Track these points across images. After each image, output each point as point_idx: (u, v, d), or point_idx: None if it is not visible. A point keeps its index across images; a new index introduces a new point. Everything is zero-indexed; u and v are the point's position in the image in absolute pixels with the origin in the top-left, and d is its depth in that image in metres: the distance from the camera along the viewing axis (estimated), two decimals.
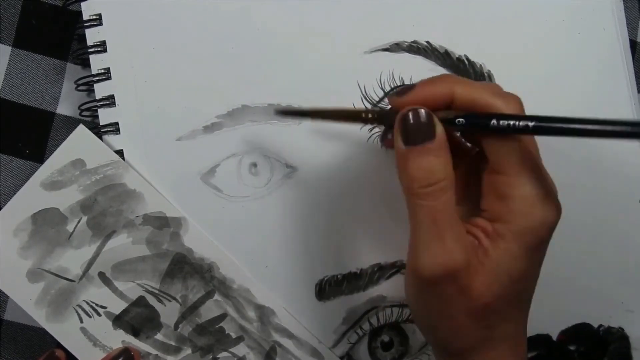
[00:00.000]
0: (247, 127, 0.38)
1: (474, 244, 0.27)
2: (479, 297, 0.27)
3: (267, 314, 0.39)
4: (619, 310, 0.41)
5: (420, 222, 0.27)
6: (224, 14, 0.38)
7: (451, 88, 0.27)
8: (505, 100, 0.27)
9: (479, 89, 0.27)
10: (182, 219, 0.38)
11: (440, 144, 0.27)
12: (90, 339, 0.38)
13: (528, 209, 0.26)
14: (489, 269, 0.27)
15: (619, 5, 0.41)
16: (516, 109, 0.27)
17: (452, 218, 0.27)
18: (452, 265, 0.26)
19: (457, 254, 0.26)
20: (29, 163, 0.40)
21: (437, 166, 0.26)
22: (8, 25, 0.40)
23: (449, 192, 0.26)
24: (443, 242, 0.26)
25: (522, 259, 0.27)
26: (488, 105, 0.27)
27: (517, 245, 0.26)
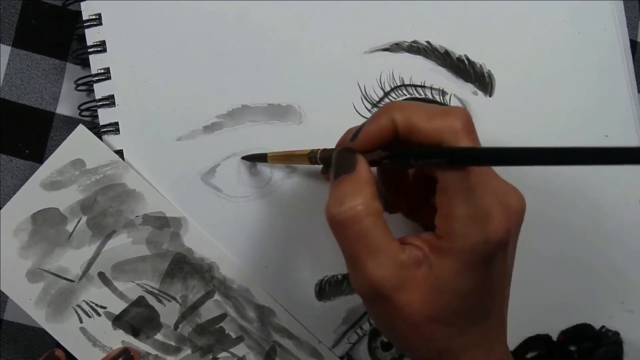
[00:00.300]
0: (247, 127, 0.38)
1: (415, 259, 0.28)
2: (420, 311, 0.27)
3: (267, 314, 0.39)
4: (619, 311, 0.41)
5: (342, 249, 0.28)
6: (224, 14, 0.38)
7: (391, 117, 0.28)
8: (442, 119, 0.27)
9: (414, 113, 0.28)
10: (182, 219, 0.38)
11: (359, 175, 0.28)
12: (90, 339, 0.38)
13: (466, 229, 0.26)
14: (431, 283, 0.27)
15: (619, 5, 0.41)
16: (450, 128, 0.27)
17: (373, 243, 0.27)
18: (376, 287, 0.27)
19: (379, 276, 0.27)
20: (29, 163, 0.40)
21: (351, 194, 0.27)
22: (8, 25, 0.40)
23: (373, 218, 0.27)
24: (362, 266, 0.27)
25: (465, 276, 0.27)
26: (421, 130, 0.27)
27: (459, 263, 0.27)
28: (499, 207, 0.27)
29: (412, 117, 0.27)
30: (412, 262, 0.27)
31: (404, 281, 0.27)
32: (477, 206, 0.26)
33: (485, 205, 0.26)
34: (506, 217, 0.27)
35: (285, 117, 0.38)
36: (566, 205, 0.40)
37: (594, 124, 0.40)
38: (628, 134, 0.41)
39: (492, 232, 0.26)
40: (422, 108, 0.28)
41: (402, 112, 0.28)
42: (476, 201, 0.26)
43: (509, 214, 0.27)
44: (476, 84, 0.40)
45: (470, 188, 0.26)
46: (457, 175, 0.27)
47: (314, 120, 0.39)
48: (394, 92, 0.39)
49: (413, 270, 0.27)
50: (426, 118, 0.27)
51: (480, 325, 0.29)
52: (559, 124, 0.40)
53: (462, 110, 0.28)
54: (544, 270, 0.40)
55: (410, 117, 0.27)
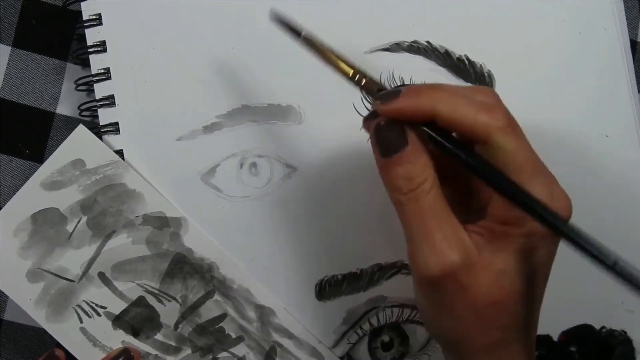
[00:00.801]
0: (247, 127, 0.38)
1: (478, 242, 0.27)
2: (485, 296, 0.27)
3: (267, 314, 0.39)
4: (619, 311, 0.41)
5: (409, 226, 0.27)
6: (224, 14, 0.38)
7: (434, 104, 0.27)
8: (489, 115, 0.27)
9: (461, 104, 0.27)
10: (182, 219, 0.38)
11: (414, 150, 0.27)
12: (90, 339, 0.38)
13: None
14: (497, 267, 0.27)
15: (620, 5, 0.41)
16: (499, 125, 0.26)
17: (441, 217, 0.27)
18: (448, 264, 0.26)
19: (451, 252, 0.26)
20: (29, 163, 0.40)
21: (414, 172, 0.27)
22: (8, 25, 0.40)
23: (432, 192, 0.27)
24: (434, 242, 0.26)
25: (533, 259, 0.27)
26: (468, 123, 0.26)
27: (529, 246, 0.27)
28: (559, 189, 0.27)
29: (459, 109, 0.26)
30: (476, 245, 0.27)
31: (472, 261, 0.26)
32: (540, 189, 0.26)
33: (548, 187, 0.26)
34: (566, 197, 0.27)
35: (285, 117, 0.38)
36: None
37: (594, 124, 0.40)
38: (628, 134, 0.41)
39: (565, 213, 0.27)
40: (468, 100, 0.27)
41: (447, 102, 0.27)
42: (540, 184, 0.26)
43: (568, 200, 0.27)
44: (476, 84, 0.40)
45: (531, 175, 0.26)
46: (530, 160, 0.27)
47: (314, 120, 0.39)
48: None
49: (478, 252, 0.27)
50: (473, 112, 0.26)
51: (535, 312, 0.28)
52: (559, 124, 0.40)
53: (502, 104, 0.27)
54: None
55: (457, 109, 0.26)
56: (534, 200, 0.26)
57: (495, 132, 0.26)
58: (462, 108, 0.26)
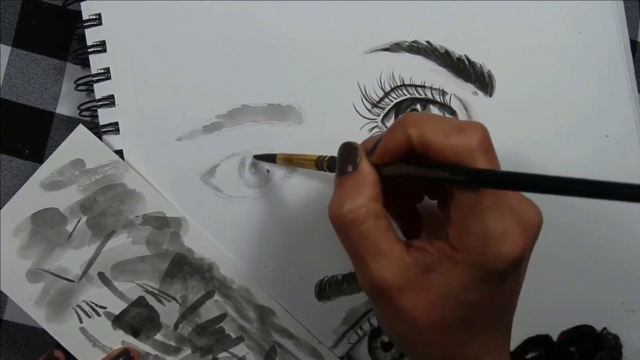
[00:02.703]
0: (247, 127, 0.38)
1: (425, 262, 0.27)
2: (423, 315, 0.27)
3: (267, 314, 0.38)
4: (619, 311, 0.41)
5: (345, 247, 0.28)
6: (224, 14, 0.38)
7: (406, 134, 0.27)
8: (458, 136, 0.26)
9: (430, 130, 0.26)
10: (182, 219, 0.38)
11: (361, 175, 0.28)
12: (89, 339, 0.38)
13: (481, 247, 0.26)
14: (438, 290, 0.27)
15: (620, 5, 0.41)
16: (467, 147, 0.26)
17: (376, 245, 0.27)
18: (380, 287, 0.27)
19: (383, 277, 0.27)
20: (29, 163, 0.40)
21: (353, 195, 0.27)
22: (8, 25, 0.40)
23: (376, 218, 0.27)
24: (366, 267, 0.27)
25: (475, 289, 0.27)
26: (437, 147, 0.26)
27: (470, 276, 0.26)
28: (516, 225, 0.26)
29: (427, 133, 0.26)
30: (419, 265, 0.27)
31: (408, 283, 0.27)
32: (493, 225, 0.25)
33: (502, 224, 0.26)
34: (522, 235, 0.26)
35: (285, 117, 0.38)
36: (567, 206, 0.40)
37: (594, 124, 0.40)
38: (628, 134, 0.41)
39: (508, 251, 0.26)
40: (437, 124, 0.27)
41: (417, 127, 0.27)
42: (492, 220, 0.26)
43: (526, 231, 0.26)
44: (476, 84, 0.40)
45: (486, 207, 0.26)
46: (473, 193, 0.26)
47: (314, 120, 0.39)
48: (394, 92, 0.39)
49: (419, 273, 0.27)
50: (442, 135, 0.26)
51: (485, 336, 0.28)
52: (559, 123, 0.40)
53: (479, 126, 0.26)
54: (544, 271, 0.40)
55: (425, 133, 0.26)
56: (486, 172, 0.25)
57: (462, 154, 0.26)
58: (431, 131, 0.26)
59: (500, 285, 0.27)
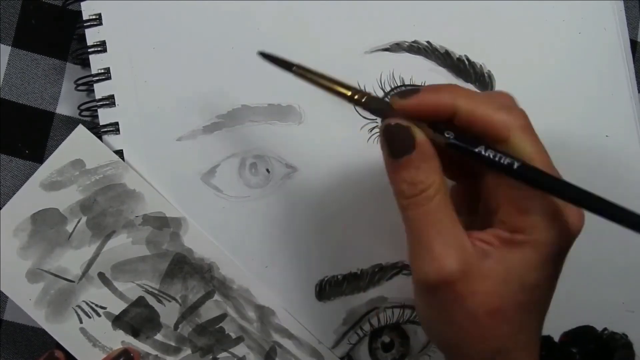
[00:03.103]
0: (247, 127, 0.38)
1: (482, 250, 0.27)
2: (484, 303, 0.26)
3: (267, 314, 0.38)
4: (619, 311, 0.41)
5: (410, 231, 0.27)
6: (224, 14, 0.38)
7: (454, 100, 0.27)
8: (509, 114, 0.27)
9: (482, 102, 0.27)
10: (182, 219, 0.38)
11: (422, 154, 0.27)
12: (89, 340, 0.37)
13: (550, 222, 0.26)
14: (499, 276, 0.26)
15: (620, 5, 0.41)
16: (519, 124, 0.27)
17: (443, 224, 0.27)
18: (445, 273, 0.26)
19: (449, 260, 0.26)
20: (29, 163, 0.40)
21: (418, 177, 0.27)
22: (7, 25, 0.40)
23: (435, 198, 0.26)
24: (432, 250, 0.26)
25: (539, 269, 0.27)
26: (488, 120, 0.26)
27: (536, 256, 0.26)
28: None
29: (480, 107, 0.27)
30: (479, 252, 0.27)
31: (471, 269, 0.26)
32: (556, 200, 0.26)
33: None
34: (581, 211, 0.27)
35: (285, 117, 0.38)
36: None
37: (594, 124, 0.40)
38: (628, 134, 0.41)
39: (572, 224, 0.26)
40: (488, 99, 0.27)
41: (468, 99, 0.27)
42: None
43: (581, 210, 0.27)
44: (476, 84, 0.40)
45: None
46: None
47: (314, 120, 0.39)
48: (395, 92, 0.39)
49: (480, 259, 0.26)
50: (494, 110, 0.27)
51: (537, 322, 0.28)
52: (559, 124, 0.40)
53: (520, 107, 0.28)
54: None
55: (478, 106, 0.27)
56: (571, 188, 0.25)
57: (515, 130, 0.26)
58: (483, 106, 0.27)
59: (559, 264, 0.27)
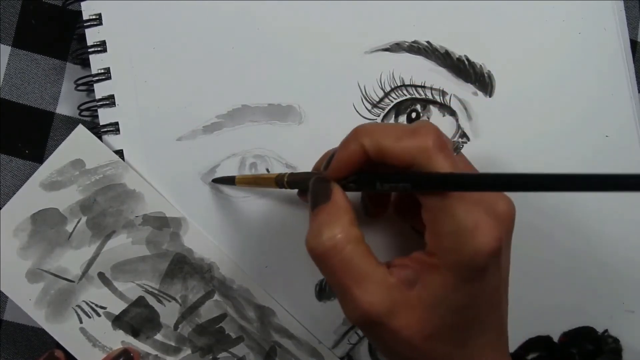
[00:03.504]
0: (247, 127, 0.38)
1: (405, 280, 0.27)
2: (418, 332, 0.27)
3: (267, 314, 0.38)
4: (619, 311, 0.41)
5: (329, 281, 0.28)
6: (224, 14, 0.38)
7: (359, 144, 0.27)
8: (411, 140, 0.26)
9: (383, 136, 0.27)
10: (181, 219, 0.38)
11: (335, 204, 0.28)
12: (89, 340, 0.37)
13: (455, 244, 0.26)
14: (426, 302, 0.27)
15: (620, 5, 0.41)
16: (422, 147, 0.26)
17: (359, 270, 0.27)
18: (371, 315, 0.26)
19: (371, 303, 0.26)
20: (29, 163, 0.40)
21: (329, 224, 0.27)
22: (7, 25, 0.40)
23: (348, 247, 0.27)
24: (353, 296, 0.27)
25: (460, 290, 0.27)
26: (392, 152, 0.27)
27: (452, 278, 0.26)
28: (486, 217, 0.26)
29: (381, 140, 0.27)
30: (403, 283, 0.27)
31: (396, 305, 0.27)
32: (463, 220, 0.26)
33: (472, 218, 0.26)
34: (495, 226, 0.26)
35: (285, 117, 0.38)
36: (566, 205, 0.40)
37: (594, 124, 0.40)
38: (628, 134, 0.41)
39: (482, 243, 0.26)
40: (390, 130, 0.27)
41: (370, 136, 0.27)
42: (461, 215, 0.26)
43: (498, 222, 0.26)
44: (476, 84, 0.40)
45: (452, 204, 0.26)
46: (438, 195, 0.26)
47: (314, 120, 0.39)
48: (394, 92, 0.39)
49: (404, 291, 0.27)
50: (395, 139, 0.27)
51: (480, 337, 0.28)
52: (559, 124, 0.40)
53: (431, 126, 0.27)
54: (544, 272, 0.40)
55: (379, 140, 0.27)
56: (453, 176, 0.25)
57: (417, 155, 0.26)
58: (385, 137, 0.27)
59: (482, 282, 0.27)
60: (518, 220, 0.28)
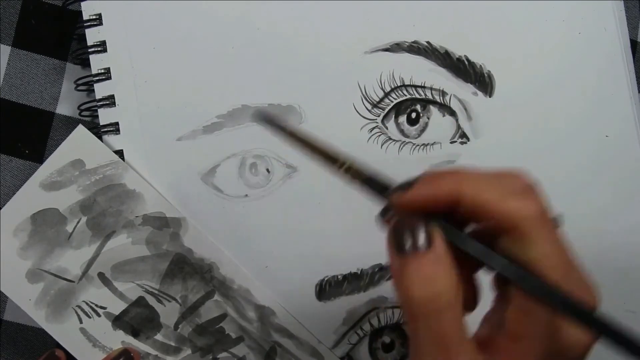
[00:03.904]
0: (247, 127, 0.38)
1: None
2: None
3: (267, 314, 0.38)
4: (620, 311, 0.41)
5: (414, 347, 0.24)
6: (224, 14, 0.38)
7: (458, 187, 0.23)
8: (520, 201, 0.23)
9: (489, 188, 0.23)
10: (181, 219, 0.38)
11: (440, 254, 0.23)
12: (89, 340, 0.37)
13: (551, 333, 0.23)
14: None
15: (620, 5, 0.41)
16: (531, 215, 0.23)
17: (460, 340, 0.23)
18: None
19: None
20: (29, 163, 0.40)
21: (436, 277, 0.23)
22: (7, 25, 0.40)
23: (454, 309, 0.23)
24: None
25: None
26: (495, 209, 0.23)
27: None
28: (587, 286, 0.24)
29: (484, 193, 0.23)
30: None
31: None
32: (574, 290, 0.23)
33: (578, 287, 0.23)
34: (594, 295, 0.24)
35: (286, 117, 0.38)
36: (567, 206, 0.40)
37: (594, 124, 0.40)
38: (628, 134, 0.41)
39: (579, 336, 0.24)
40: (495, 182, 0.24)
41: (472, 183, 0.23)
42: (571, 286, 0.23)
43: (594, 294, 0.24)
44: (476, 84, 0.40)
45: (565, 274, 0.23)
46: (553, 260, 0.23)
47: (314, 120, 0.39)
48: (394, 92, 0.39)
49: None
50: (500, 197, 0.23)
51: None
52: (559, 124, 0.40)
53: (535, 189, 0.24)
54: None
55: (482, 193, 0.23)
56: (565, 298, 0.22)
57: (523, 221, 0.23)
58: (488, 191, 0.23)
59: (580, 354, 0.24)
60: None
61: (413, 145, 0.39)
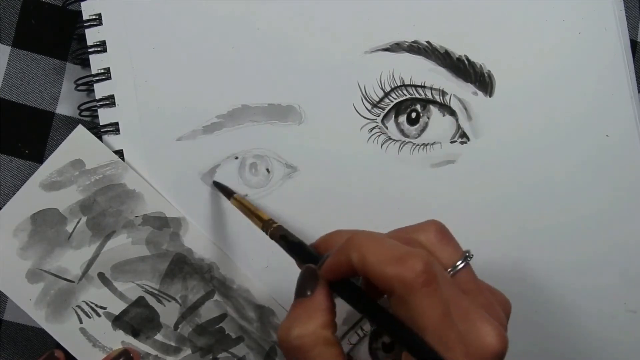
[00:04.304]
0: (247, 127, 0.38)
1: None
2: None
3: (267, 314, 0.38)
4: (621, 311, 0.41)
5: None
6: (224, 14, 0.38)
7: (347, 257, 0.26)
8: (399, 266, 0.24)
9: (369, 255, 0.25)
10: (181, 219, 0.38)
11: (314, 301, 0.26)
12: (89, 340, 0.37)
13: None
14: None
15: (620, 5, 0.41)
16: (407, 279, 0.24)
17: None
18: None
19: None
20: (29, 163, 0.40)
21: (302, 321, 0.26)
22: (7, 25, 0.40)
23: (316, 349, 0.25)
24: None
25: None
26: (375, 276, 0.25)
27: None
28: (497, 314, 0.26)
29: (366, 258, 0.25)
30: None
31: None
32: (458, 339, 0.24)
33: (475, 329, 0.24)
34: (493, 345, 0.24)
35: (286, 117, 0.38)
36: (567, 205, 0.40)
37: (594, 124, 0.40)
38: (628, 134, 0.41)
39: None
40: (378, 249, 0.25)
41: (358, 251, 0.25)
42: (456, 331, 0.24)
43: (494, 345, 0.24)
44: (476, 84, 0.40)
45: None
46: (429, 313, 0.24)
47: (314, 120, 0.39)
48: (394, 92, 0.39)
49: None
50: (378, 262, 0.25)
51: None
52: (559, 124, 0.40)
53: (422, 256, 0.24)
54: (545, 272, 0.40)
55: (365, 258, 0.25)
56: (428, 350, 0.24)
57: (399, 286, 0.24)
58: (371, 257, 0.25)
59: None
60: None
61: (413, 145, 0.39)
